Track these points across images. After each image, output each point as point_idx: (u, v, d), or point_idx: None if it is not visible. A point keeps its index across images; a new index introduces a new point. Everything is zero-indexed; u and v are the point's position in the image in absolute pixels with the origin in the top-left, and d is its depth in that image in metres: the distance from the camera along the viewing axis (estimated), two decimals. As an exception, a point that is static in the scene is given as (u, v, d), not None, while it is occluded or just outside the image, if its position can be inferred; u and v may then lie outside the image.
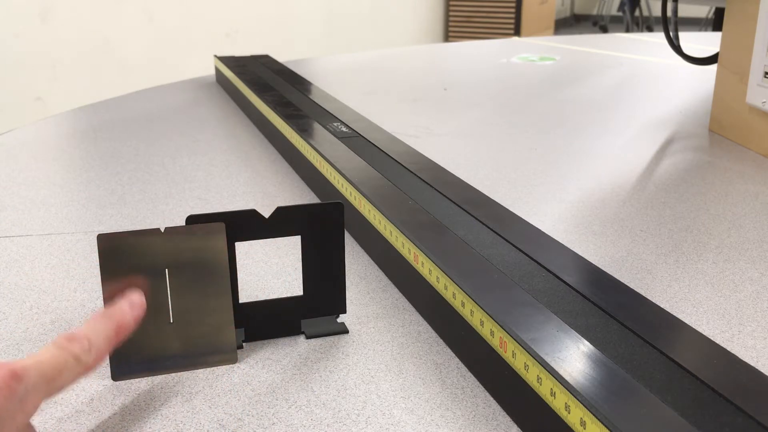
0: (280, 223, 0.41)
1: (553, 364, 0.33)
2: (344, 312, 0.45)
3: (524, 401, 0.35)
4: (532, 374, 0.34)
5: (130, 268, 0.38)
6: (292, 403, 0.38)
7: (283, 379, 0.40)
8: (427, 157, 0.66)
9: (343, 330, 0.45)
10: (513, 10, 4.75)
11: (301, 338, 0.44)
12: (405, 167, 0.63)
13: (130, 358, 0.39)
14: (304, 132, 0.74)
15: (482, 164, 0.80)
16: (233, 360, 0.41)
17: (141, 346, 0.39)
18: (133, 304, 0.36)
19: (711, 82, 0.92)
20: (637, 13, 5.24)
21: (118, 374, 0.39)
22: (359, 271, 0.54)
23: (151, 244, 0.37)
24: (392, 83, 1.30)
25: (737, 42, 0.85)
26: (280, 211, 0.41)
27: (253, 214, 0.40)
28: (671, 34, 1.05)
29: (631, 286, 0.42)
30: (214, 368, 0.41)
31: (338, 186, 0.62)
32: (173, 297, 0.38)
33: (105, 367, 0.41)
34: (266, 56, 1.26)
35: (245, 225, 0.40)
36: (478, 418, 0.37)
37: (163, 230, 0.37)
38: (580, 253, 0.46)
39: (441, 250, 0.45)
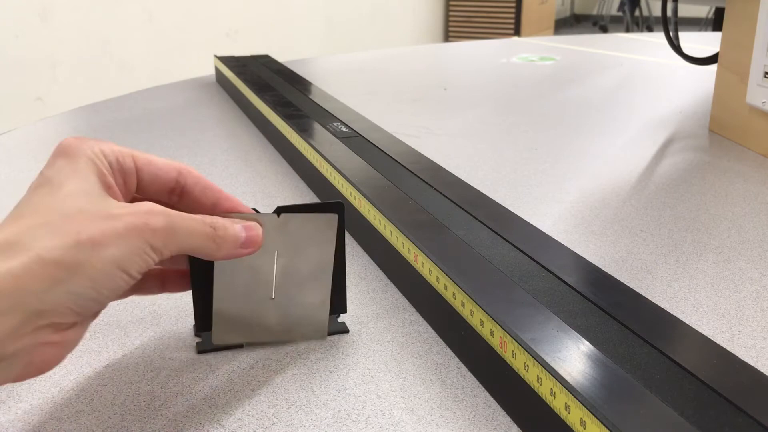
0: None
1: (553, 364, 0.33)
2: (344, 311, 0.44)
3: (524, 401, 0.35)
4: (532, 374, 0.34)
5: None
6: (292, 403, 0.38)
7: (283, 379, 0.40)
8: (427, 157, 0.66)
9: (344, 329, 0.45)
10: (513, 10, 4.74)
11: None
12: (405, 167, 0.63)
13: (229, 323, 0.40)
14: (304, 132, 0.74)
15: (482, 164, 0.80)
16: (323, 336, 0.43)
17: (241, 314, 0.40)
18: (260, 234, 0.38)
19: (711, 82, 0.92)
20: (637, 13, 5.24)
21: (215, 339, 0.41)
22: (359, 271, 0.54)
23: (267, 224, 0.39)
24: (392, 83, 1.30)
25: (737, 42, 0.85)
26: (280, 210, 0.41)
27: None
28: (671, 34, 1.05)
29: (631, 286, 0.42)
30: (215, 368, 0.41)
31: (338, 186, 0.62)
32: (278, 276, 0.40)
33: (112, 369, 0.41)
34: (266, 56, 1.26)
35: None
36: (478, 418, 0.37)
37: (278, 215, 0.39)
38: (580, 253, 0.46)
39: (441, 250, 0.45)
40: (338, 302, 0.44)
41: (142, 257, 0.31)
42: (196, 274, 0.39)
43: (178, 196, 0.37)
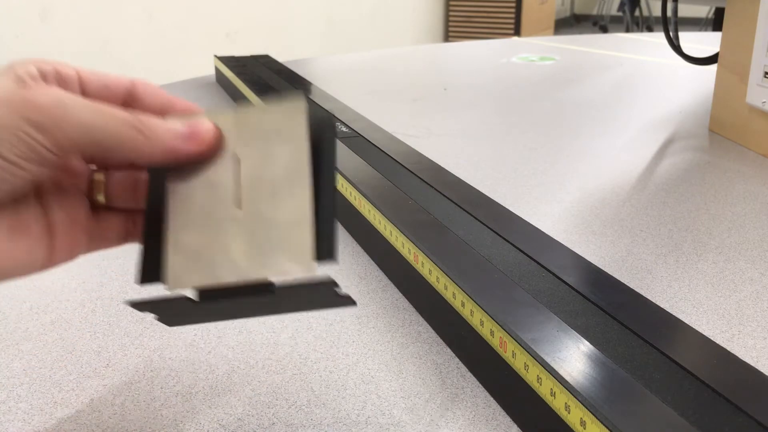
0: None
1: (553, 364, 0.33)
2: (334, 259, 0.30)
3: (524, 401, 0.35)
4: (532, 374, 0.34)
5: None
6: (292, 403, 0.38)
7: (283, 379, 0.40)
8: (427, 157, 0.66)
9: (344, 300, 0.31)
10: (513, 10, 4.74)
11: (301, 336, 0.44)
12: (405, 167, 0.63)
13: (185, 261, 0.29)
14: (304, 132, 0.74)
15: (482, 164, 0.80)
16: (310, 269, 0.29)
17: (199, 246, 0.30)
18: (208, 129, 0.30)
19: (711, 82, 0.92)
20: (637, 13, 5.24)
21: (170, 285, 0.29)
22: (359, 271, 0.54)
23: (220, 125, 0.31)
24: (392, 83, 1.30)
25: (737, 42, 0.85)
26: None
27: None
28: (671, 34, 1.05)
29: (631, 286, 0.42)
30: (215, 368, 0.41)
31: (338, 186, 0.62)
32: (241, 187, 0.30)
33: (106, 367, 0.41)
34: (266, 56, 1.26)
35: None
36: (478, 418, 0.37)
37: (235, 111, 0.31)
38: (580, 253, 0.46)
39: (441, 250, 0.45)
40: (324, 243, 0.30)
41: (21, 137, 0.25)
42: (151, 199, 0.30)
43: (132, 108, 0.31)
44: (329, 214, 0.30)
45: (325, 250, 0.29)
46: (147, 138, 0.27)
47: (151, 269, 0.30)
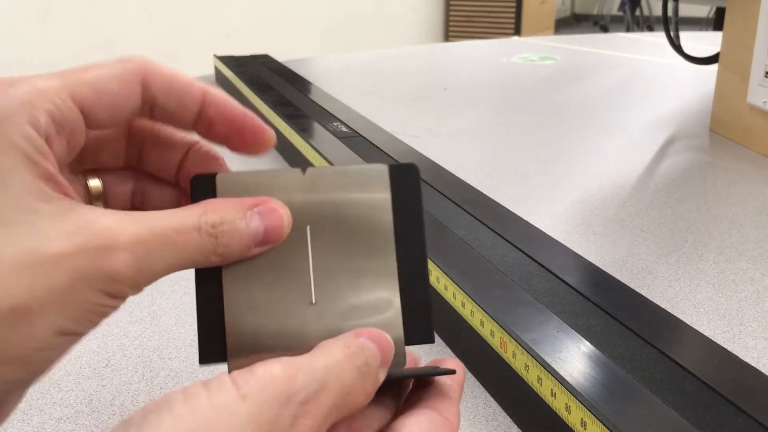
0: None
1: (553, 365, 0.33)
2: (430, 339, 0.25)
3: (524, 401, 0.35)
4: (532, 374, 0.34)
5: None
6: (291, 404, 0.38)
7: (282, 379, 0.40)
8: (427, 157, 0.66)
9: (443, 370, 0.25)
10: (513, 9, 4.74)
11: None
12: (405, 167, 0.63)
13: (252, 349, 0.25)
14: (304, 132, 0.74)
15: (482, 164, 0.80)
16: (401, 362, 0.24)
17: (268, 334, 0.25)
18: (283, 223, 0.24)
19: (712, 81, 0.91)
20: (637, 12, 5.24)
21: (233, 367, 0.26)
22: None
23: (284, 190, 0.25)
24: (392, 83, 1.30)
25: (738, 42, 0.85)
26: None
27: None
28: (672, 33, 1.05)
29: (632, 286, 0.42)
30: (215, 369, 0.41)
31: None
32: (316, 267, 0.25)
33: (110, 371, 0.41)
34: (266, 56, 1.26)
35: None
36: (478, 418, 0.37)
37: (304, 171, 0.25)
38: (580, 253, 0.46)
39: (441, 250, 0.45)
40: (416, 317, 0.25)
41: (98, 310, 0.21)
42: (201, 277, 0.25)
43: (205, 128, 0.25)
44: (422, 287, 0.25)
45: (418, 332, 0.25)
46: (223, 258, 0.23)
47: (212, 349, 0.26)
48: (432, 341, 0.25)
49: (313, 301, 0.25)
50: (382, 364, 0.22)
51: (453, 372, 0.24)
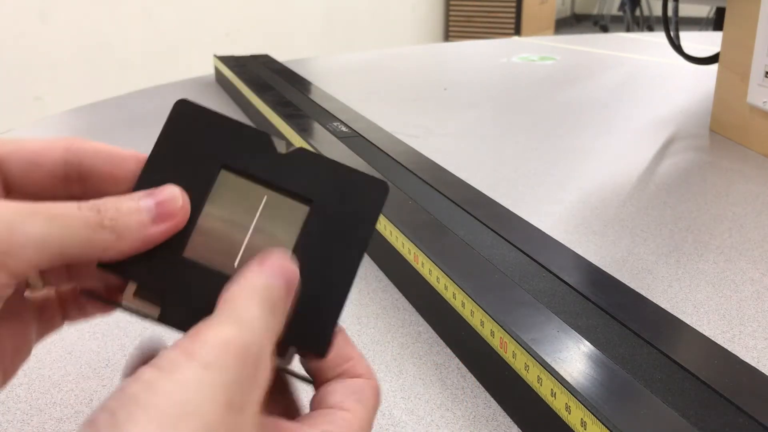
0: (295, 171, 0.27)
1: (553, 365, 0.33)
2: (322, 354, 0.24)
3: (524, 402, 0.35)
4: (532, 374, 0.34)
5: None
6: (291, 404, 0.38)
7: (282, 379, 0.40)
8: (427, 157, 0.66)
9: (289, 371, 0.25)
10: (513, 9, 4.74)
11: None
12: (405, 167, 0.63)
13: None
14: (304, 132, 0.74)
15: (482, 164, 0.80)
16: (286, 360, 0.24)
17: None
18: (173, 197, 0.24)
19: (712, 81, 0.91)
20: (637, 12, 5.24)
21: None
22: (359, 272, 0.54)
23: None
24: (392, 83, 1.30)
25: (738, 42, 0.85)
26: (302, 154, 0.27)
27: (265, 138, 0.26)
28: (672, 33, 1.05)
29: (632, 286, 0.42)
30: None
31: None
32: (252, 236, 0.25)
33: (104, 366, 0.41)
34: (266, 56, 1.26)
35: (248, 150, 0.26)
36: (478, 418, 0.37)
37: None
38: (580, 253, 0.46)
39: (441, 250, 0.45)
40: (318, 333, 0.24)
41: None
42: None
43: (78, 182, 0.25)
44: (338, 300, 0.25)
45: (309, 338, 0.24)
46: (118, 236, 0.22)
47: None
48: (323, 356, 0.24)
49: (235, 266, 0.25)
50: (288, 295, 0.23)
51: (311, 382, 0.24)
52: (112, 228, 0.22)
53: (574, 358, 0.34)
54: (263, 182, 0.26)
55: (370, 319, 0.47)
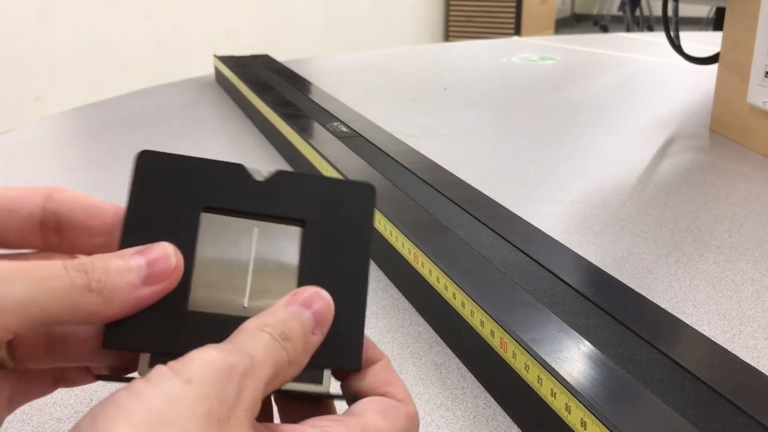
0: (279, 195, 0.26)
1: (553, 365, 0.33)
2: (357, 367, 0.24)
3: (524, 402, 0.35)
4: (532, 374, 0.34)
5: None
6: (291, 404, 0.38)
7: (282, 379, 0.40)
8: (427, 157, 0.66)
9: (327, 394, 0.24)
10: (513, 9, 4.74)
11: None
12: (405, 167, 0.63)
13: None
14: (304, 132, 0.74)
15: (482, 164, 0.80)
16: (325, 386, 0.24)
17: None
18: (163, 257, 0.23)
19: (712, 81, 0.91)
20: (637, 12, 5.24)
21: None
22: (359, 271, 0.54)
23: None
24: (392, 83, 1.30)
25: (738, 42, 0.85)
26: (282, 177, 0.26)
27: (239, 170, 0.25)
28: (672, 33, 1.05)
29: (632, 286, 0.42)
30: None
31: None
32: (255, 271, 0.25)
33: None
34: (266, 56, 1.26)
35: (225, 186, 0.25)
36: (478, 418, 0.37)
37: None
38: (580, 253, 0.46)
39: (441, 250, 0.45)
40: (347, 346, 0.24)
41: None
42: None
43: (55, 231, 0.24)
44: (359, 311, 0.24)
45: (340, 355, 0.24)
46: (106, 299, 0.21)
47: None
48: (358, 368, 0.24)
49: (245, 305, 0.24)
50: (317, 327, 0.22)
51: (340, 397, 0.24)
52: (100, 291, 0.21)
53: (574, 358, 0.34)
54: (249, 215, 0.25)
55: (370, 319, 0.47)
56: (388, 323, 0.46)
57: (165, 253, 0.22)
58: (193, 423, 0.18)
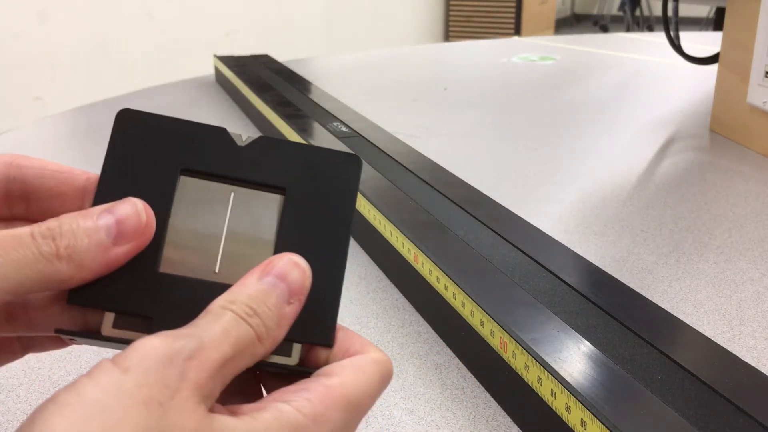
0: (260, 161, 0.25)
1: (553, 365, 0.33)
2: (329, 344, 0.23)
3: (524, 402, 0.35)
4: (532, 374, 0.34)
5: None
6: (291, 404, 0.38)
7: (282, 379, 0.40)
8: (427, 157, 0.66)
9: (295, 368, 0.23)
10: (513, 9, 4.74)
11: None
12: (405, 167, 0.63)
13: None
14: (304, 132, 0.74)
15: (482, 164, 0.80)
16: (292, 359, 0.23)
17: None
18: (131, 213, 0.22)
19: (712, 81, 0.91)
20: (637, 12, 5.24)
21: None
22: (359, 271, 0.54)
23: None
24: (392, 83, 1.30)
25: (738, 42, 0.85)
26: (264, 142, 0.25)
27: (221, 134, 0.25)
28: (672, 33, 1.05)
29: (632, 286, 0.42)
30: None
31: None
32: (228, 237, 0.24)
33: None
34: (266, 56, 1.26)
35: (205, 149, 0.24)
36: (478, 419, 0.37)
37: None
38: (580, 253, 0.46)
39: (441, 250, 0.45)
40: (320, 322, 0.23)
41: None
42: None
43: (22, 199, 0.23)
44: (335, 285, 0.24)
45: (313, 330, 0.23)
46: (76, 265, 0.20)
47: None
48: (330, 345, 0.23)
49: (216, 270, 0.24)
50: (292, 297, 0.22)
51: (308, 374, 0.22)
52: (69, 257, 0.20)
53: (574, 358, 0.34)
54: (228, 179, 0.24)
55: (370, 319, 0.47)
56: (388, 323, 0.46)
57: (135, 209, 0.22)
58: (132, 409, 0.18)
